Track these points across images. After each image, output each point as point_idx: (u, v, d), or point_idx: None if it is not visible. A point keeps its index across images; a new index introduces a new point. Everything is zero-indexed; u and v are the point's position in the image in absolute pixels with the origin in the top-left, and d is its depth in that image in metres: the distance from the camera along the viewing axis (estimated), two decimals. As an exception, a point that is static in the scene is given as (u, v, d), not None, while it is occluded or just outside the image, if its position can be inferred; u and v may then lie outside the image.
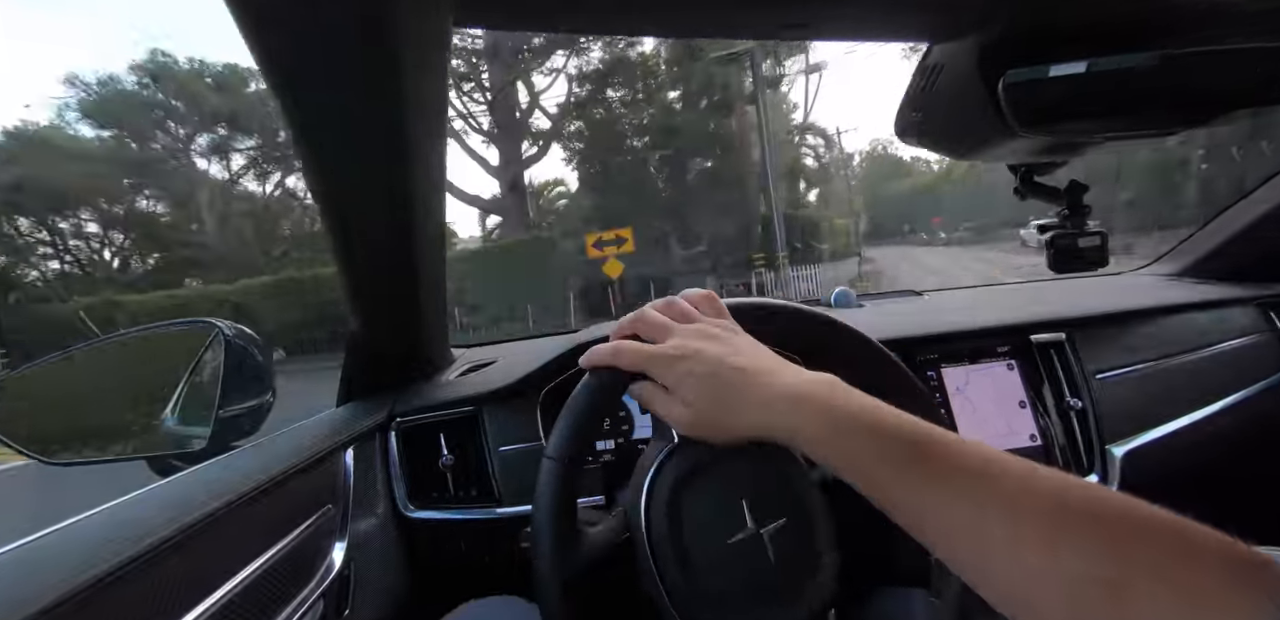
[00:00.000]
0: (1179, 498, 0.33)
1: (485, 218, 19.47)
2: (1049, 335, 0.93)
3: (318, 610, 0.57)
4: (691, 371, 0.42)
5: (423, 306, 0.78)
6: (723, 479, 0.46)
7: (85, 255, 17.54)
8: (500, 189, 17.11)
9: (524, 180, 17.32)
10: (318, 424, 0.75)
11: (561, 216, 19.66)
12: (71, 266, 17.36)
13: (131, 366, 0.79)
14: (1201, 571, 0.26)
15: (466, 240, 21.16)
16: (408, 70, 0.43)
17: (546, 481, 0.45)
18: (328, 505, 0.65)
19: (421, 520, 0.79)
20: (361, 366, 0.86)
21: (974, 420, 0.88)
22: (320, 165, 0.51)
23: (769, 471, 0.47)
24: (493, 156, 16.84)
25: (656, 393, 0.44)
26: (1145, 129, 0.47)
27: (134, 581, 0.38)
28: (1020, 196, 0.65)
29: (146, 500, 0.49)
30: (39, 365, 0.75)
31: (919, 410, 0.54)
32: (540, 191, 20.92)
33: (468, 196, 17.44)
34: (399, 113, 0.47)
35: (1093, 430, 0.90)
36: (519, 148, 16.94)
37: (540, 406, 0.84)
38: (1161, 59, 0.41)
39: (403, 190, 0.57)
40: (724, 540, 0.44)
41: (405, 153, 0.51)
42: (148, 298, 12.80)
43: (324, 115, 0.46)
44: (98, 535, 0.42)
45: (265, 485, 0.54)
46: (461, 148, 16.42)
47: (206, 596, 0.43)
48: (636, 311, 0.48)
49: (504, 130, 16.63)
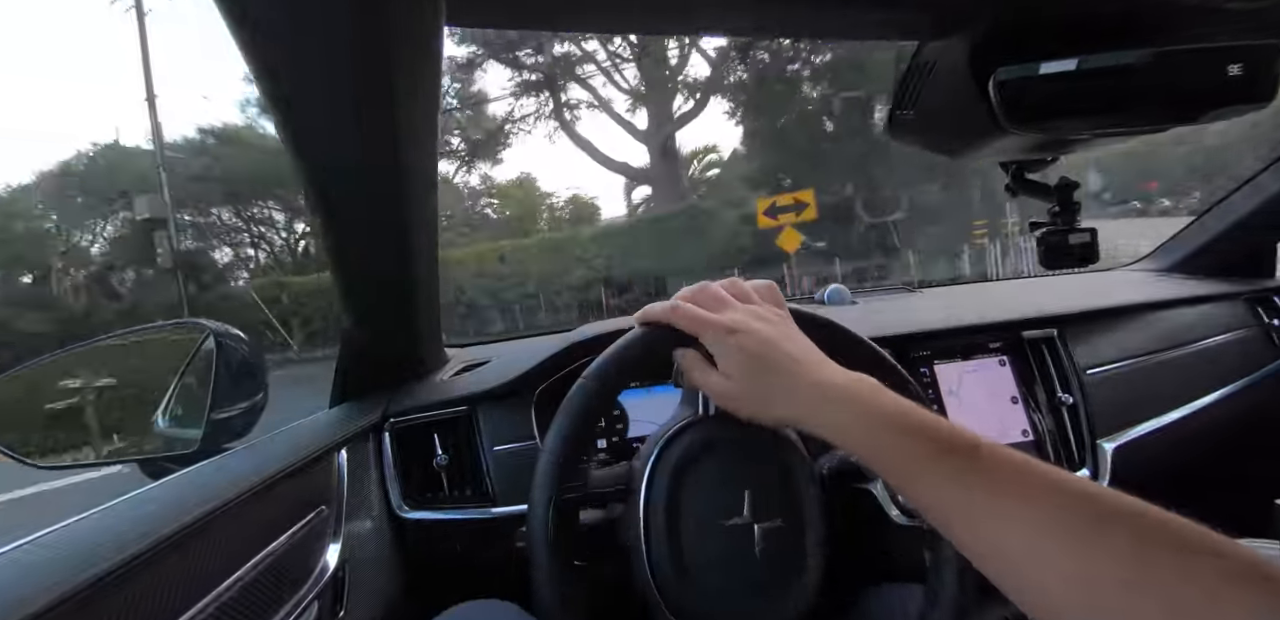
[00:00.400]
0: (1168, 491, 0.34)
1: (631, 190, 18.24)
2: (1040, 331, 0.94)
3: (312, 612, 0.57)
4: (742, 347, 0.42)
5: (417, 306, 0.78)
6: (732, 462, 0.47)
7: (268, 241, 18.22)
8: (650, 155, 15.50)
9: (675, 143, 15.73)
10: (311, 425, 0.74)
11: (714, 186, 17.37)
12: (259, 251, 18.17)
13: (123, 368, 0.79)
14: (1201, 571, 0.27)
15: (610, 220, 19.37)
16: (399, 67, 0.42)
17: (577, 397, 0.46)
18: (321, 506, 0.65)
19: (416, 521, 0.79)
20: (355, 366, 0.86)
21: (966, 416, 0.88)
22: (310, 163, 0.51)
23: (774, 466, 0.48)
24: (640, 121, 15.21)
25: (700, 361, 0.45)
26: (1136, 126, 0.47)
27: (127, 584, 0.38)
28: (1012, 194, 0.65)
29: (138, 503, 0.49)
30: (28, 368, 0.74)
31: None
32: (691, 159, 18.84)
33: (615, 163, 16.08)
34: (390, 110, 0.46)
35: (1084, 425, 0.90)
36: (670, 106, 15.08)
37: (535, 406, 0.84)
38: (1153, 56, 0.42)
39: (395, 189, 0.56)
40: (719, 521, 0.45)
41: (397, 151, 0.51)
42: (307, 279, 13.26)
43: (313, 113, 0.46)
44: (90, 539, 0.41)
45: (258, 487, 0.53)
46: (607, 114, 15.38)
47: (199, 599, 0.43)
48: (699, 284, 0.48)
49: (653, 87, 14.90)
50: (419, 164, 0.54)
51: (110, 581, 0.36)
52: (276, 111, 0.45)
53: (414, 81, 0.44)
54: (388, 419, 0.81)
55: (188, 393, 0.77)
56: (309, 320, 12.39)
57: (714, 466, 0.47)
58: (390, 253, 0.66)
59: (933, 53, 0.48)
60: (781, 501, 0.47)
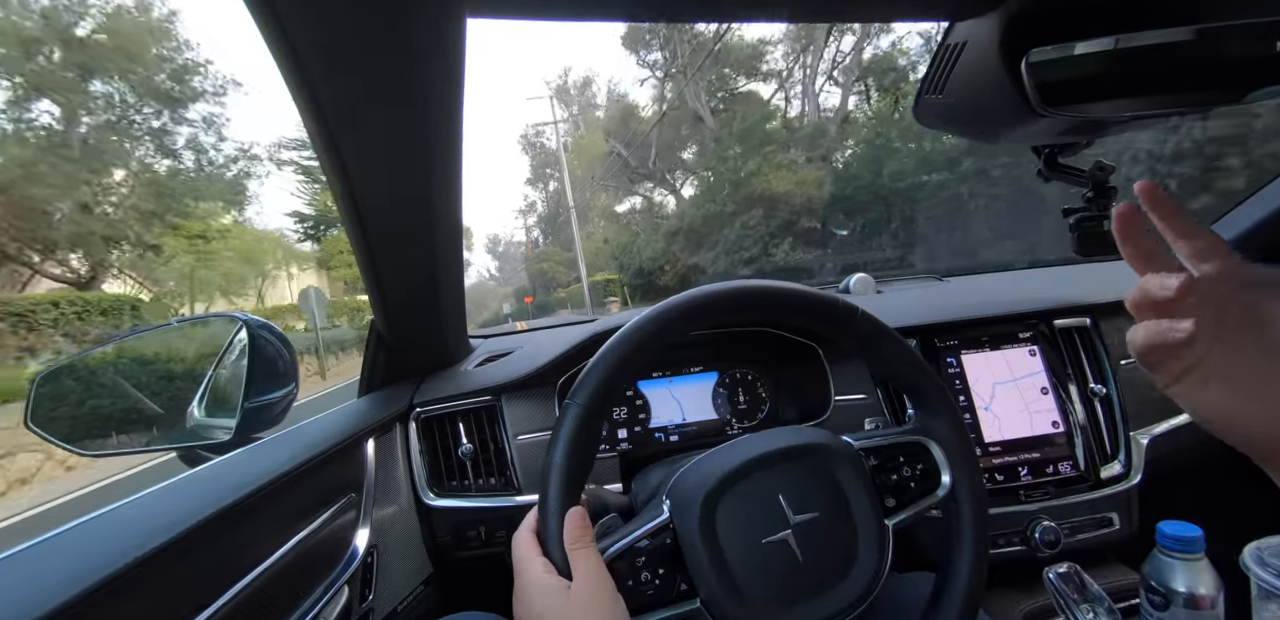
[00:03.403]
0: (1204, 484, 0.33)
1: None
2: (1072, 320, 0.92)
3: (342, 596, 0.58)
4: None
5: (442, 299, 0.79)
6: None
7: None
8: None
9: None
10: (340, 415, 0.76)
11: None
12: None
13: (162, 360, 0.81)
14: None
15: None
16: (422, 66, 0.42)
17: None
18: (351, 494, 0.66)
19: (441, 508, 0.80)
20: (383, 358, 0.87)
21: (995, 406, 0.87)
22: (338, 161, 0.51)
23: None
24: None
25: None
26: (1177, 107, 0.45)
27: (168, 566, 0.40)
28: (1044, 179, 0.63)
29: (176, 490, 0.51)
30: (74, 359, 0.77)
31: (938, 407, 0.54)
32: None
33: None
34: (414, 111, 0.46)
35: (1117, 416, 0.88)
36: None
37: (558, 395, 0.85)
38: (1195, 33, 0.40)
39: (422, 182, 0.57)
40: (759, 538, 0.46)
41: (421, 147, 0.51)
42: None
43: (340, 114, 0.46)
44: (135, 523, 0.43)
45: (291, 474, 0.55)
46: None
47: (236, 581, 0.45)
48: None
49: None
50: (442, 158, 0.55)
51: (155, 562, 0.38)
52: (306, 119, 0.46)
53: (437, 79, 0.44)
54: (414, 408, 0.82)
55: (222, 384, 0.79)
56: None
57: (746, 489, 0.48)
58: (416, 247, 0.67)
59: (962, 33, 0.47)
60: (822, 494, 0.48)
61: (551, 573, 0.42)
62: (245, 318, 0.74)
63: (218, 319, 0.78)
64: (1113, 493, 0.85)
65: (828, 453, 0.50)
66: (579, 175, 27.86)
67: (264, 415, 0.72)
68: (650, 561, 0.45)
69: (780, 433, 0.53)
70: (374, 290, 0.75)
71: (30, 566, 0.37)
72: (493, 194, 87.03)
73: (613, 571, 0.43)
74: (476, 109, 56.90)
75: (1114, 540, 0.85)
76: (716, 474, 0.48)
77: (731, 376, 0.94)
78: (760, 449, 0.50)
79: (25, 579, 0.35)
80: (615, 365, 0.47)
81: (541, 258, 34.54)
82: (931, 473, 0.54)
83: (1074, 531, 0.84)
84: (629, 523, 0.48)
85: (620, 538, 0.46)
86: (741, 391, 0.94)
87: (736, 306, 0.51)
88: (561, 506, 0.44)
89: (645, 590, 0.44)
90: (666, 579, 0.45)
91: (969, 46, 0.46)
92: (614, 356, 0.47)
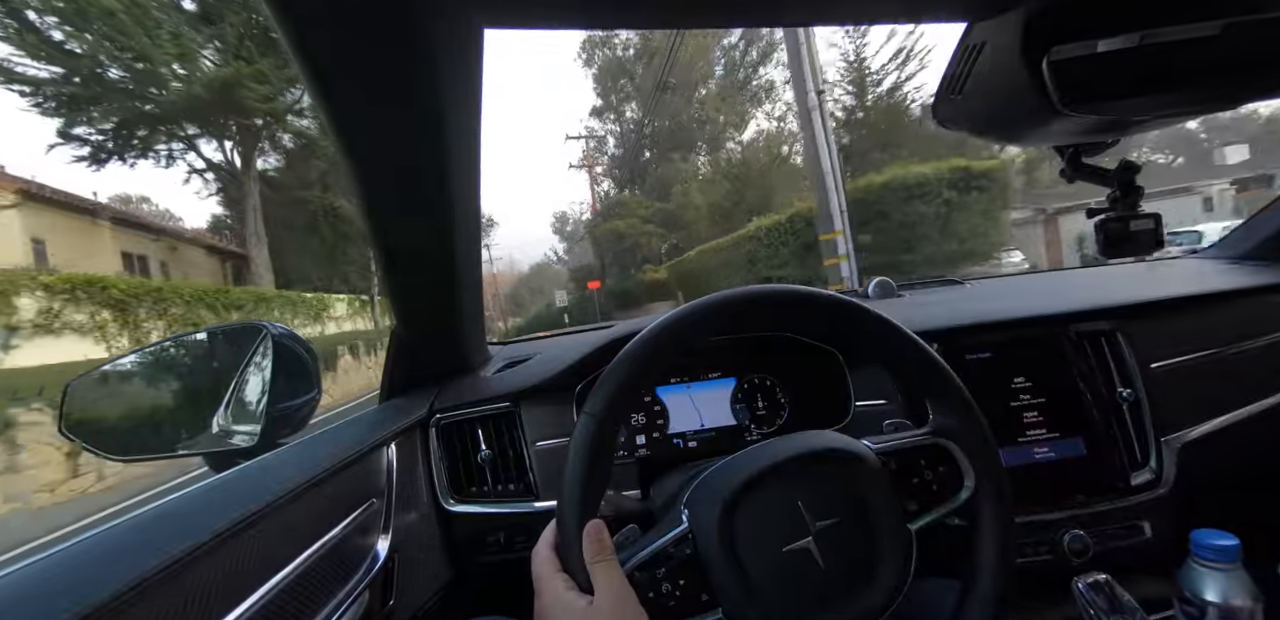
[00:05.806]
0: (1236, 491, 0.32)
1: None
2: (1097, 324, 0.90)
3: (363, 601, 0.59)
4: None
5: (461, 305, 0.79)
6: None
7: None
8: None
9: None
10: (361, 421, 0.77)
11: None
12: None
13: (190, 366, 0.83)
14: None
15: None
16: (440, 75, 0.43)
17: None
18: (372, 499, 0.67)
19: (461, 514, 0.80)
20: (403, 364, 0.88)
21: (1020, 411, 0.85)
22: (359, 171, 0.52)
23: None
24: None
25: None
26: (1203, 104, 0.45)
27: (194, 570, 0.40)
28: (1068, 180, 0.62)
29: (202, 495, 0.51)
30: (106, 367, 0.78)
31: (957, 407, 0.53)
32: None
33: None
34: (433, 120, 0.47)
35: (1146, 421, 0.86)
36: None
37: (576, 401, 0.85)
38: (1225, 27, 0.39)
39: (441, 192, 0.57)
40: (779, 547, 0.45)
41: (441, 156, 0.52)
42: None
43: (362, 123, 0.47)
44: (166, 526, 0.44)
45: (314, 480, 0.56)
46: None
47: (260, 585, 0.45)
48: None
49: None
50: (462, 167, 0.55)
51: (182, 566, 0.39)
52: (329, 125, 0.46)
53: (455, 88, 0.45)
54: (434, 415, 0.83)
55: (247, 390, 0.80)
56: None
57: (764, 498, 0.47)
58: (436, 255, 0.68)
59: (982, 33, 0.46)
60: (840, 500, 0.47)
61: (573, 589, 0.42)
62: (269, 326, 0.76)
63: (244, 327, 0.80)
64: (1143, 500, 0.83)
65: (845, 457, 0.50)
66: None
67: (288, 421, 0.73)
68: (671, 572, 0.45)
69: (796, 438, 0.52)
70: (395, 299, 0.76)
71: (65, 571, 0.38)
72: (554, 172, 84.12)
73: (634, 583, 0.42)
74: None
75: (1145, 549, 0.83)
76: (734, 482, 0.47)
77: (750, 382, 0.94)
78: (776, 456, 0.49)
79: (62, 582, 0.36)
80: (629, 374, 0.47)
81: (612, 211, 23.07)
82: (954, 475, 0.53)
83: (1103, 540, 0.82)
84: (648, 533, 0.48)
85: (640, 549, 0.45)
86: (760, 397, 0.94)
87: (746, 311, 0.51)
88: (579, 521, 0.44)
89: (667, 602, 0.44)
90: (688, 589, 0.45)
91: (988, 47, 0.46)
92: (628, 365, 0.47)
